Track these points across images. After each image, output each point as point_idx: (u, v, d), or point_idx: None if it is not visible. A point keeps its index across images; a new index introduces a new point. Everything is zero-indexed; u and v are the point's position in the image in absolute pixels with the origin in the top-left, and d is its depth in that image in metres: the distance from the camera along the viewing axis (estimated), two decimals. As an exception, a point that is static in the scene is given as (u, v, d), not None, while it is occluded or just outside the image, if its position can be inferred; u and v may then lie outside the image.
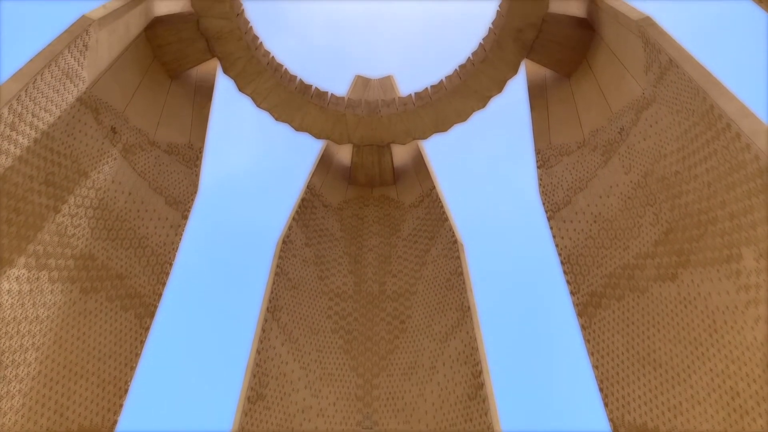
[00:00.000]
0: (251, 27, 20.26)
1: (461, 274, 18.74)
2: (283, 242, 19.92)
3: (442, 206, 20.88)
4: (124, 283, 15.52)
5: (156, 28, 18.88)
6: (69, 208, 14.22)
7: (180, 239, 17.82)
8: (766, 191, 10.71)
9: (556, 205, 17.79)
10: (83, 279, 14.35)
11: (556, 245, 17.29)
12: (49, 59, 13.71)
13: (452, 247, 19.65)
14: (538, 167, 19.03)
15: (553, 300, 44.70)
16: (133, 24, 17.72)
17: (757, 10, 13.16)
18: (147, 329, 15.79)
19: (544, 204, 18.29)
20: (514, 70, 20.34)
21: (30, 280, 12.78)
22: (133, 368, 15.01)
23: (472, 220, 41.03)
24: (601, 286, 15.28)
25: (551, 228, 17.71)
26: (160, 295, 16.56)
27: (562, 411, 41.79)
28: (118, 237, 15.78)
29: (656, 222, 13.99)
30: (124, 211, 16.23)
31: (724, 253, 11.67)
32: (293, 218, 20.71)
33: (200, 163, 19.44)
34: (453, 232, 19.96)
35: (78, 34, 14.69)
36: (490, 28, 20.39)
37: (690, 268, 12.61)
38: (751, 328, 10.81)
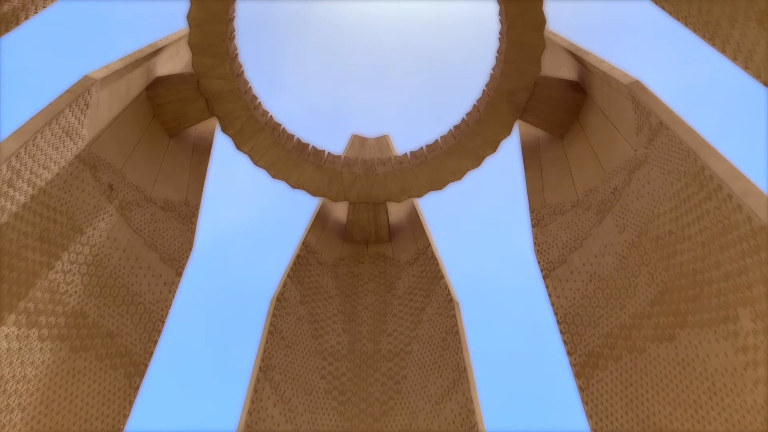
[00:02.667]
0: (250, 87, 20.68)
1: (457, 333, 18.54)
2: (278, 300, 19.75)
3: (437, 264, 20.84)
4: (115, 342, 15.28)
5: (157, 87, 19.26)
6: (62, 264, 14.15)
7: (173, 296, 17.67)
8: (760, 252, 10.76)
9: (552, 264, 17.79)
10: (73, 337, 14.14)
11: (552, 304, 17.20)
12: (50, 117, 13.92)
13: (448, 306, 19.51)
14: (533, 226, 19.13)
15: (550, 360, 44.14)
16: (135, 84, 18.09)
17: (744, 75, 13.54)
18: (136, 389, 15.45)
19: (539, 263, 18.30)
20: (508, 131, 20.70)
21: (19, 338, 12.58)
22: (120, 430, 14.61)
23: (468, 278, 40.93)
24: (598, 346, 15.12)
25: (547, 287, 17.66)
26: (151, 353, 16.29)
27: (561, 475, 40.59)
28: (111, 294, 15.64)
29: (651, 282, 13.97)
30: (118, 268, 16.14)
31: (721, 314, 11.61)
32: (288, 275, 20.61)
33: (196, 220, 19.47)
34: (448, 290, 19.86)
35: (80, 94, 14.97)
36: (483, 90, 20.88)
37: (687, 329, 12.52)
38: (751, 391, 10.65)
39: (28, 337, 12.80)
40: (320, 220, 22.91)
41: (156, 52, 18.67)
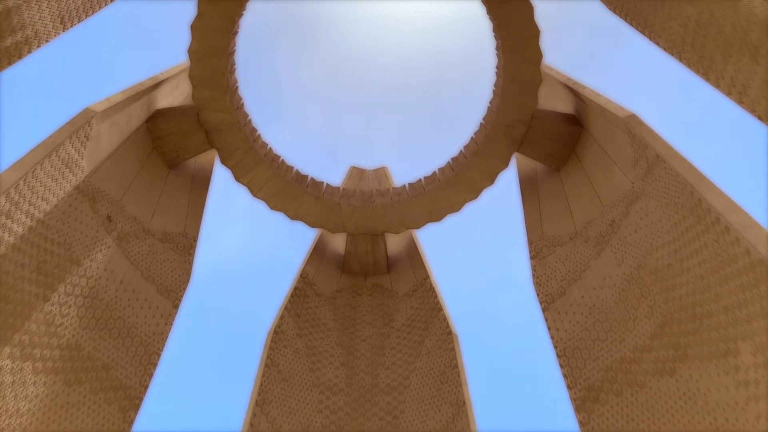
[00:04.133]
0: (250, 119, 20.85)
1: (456, 366, 18.35)
2: (275, 332, 19.59)
3: (436, 296, 20.74)
4: (110, 375, 15.09)
5: (157, 119, 19.40)
6: (59, 296, 14.05)
7: (170, 329, 17.53)
8: (759, 285, 10.72)
9: (551, 296, 17.71)
10: (68, 370, 13.96)
11: (552, 337, 17.07)
12: (50, 149, 13.96)
13: (447, 338, 19.35)
14: (532, 258, 19.10)
15: (551, 394, 43.62)
16: (135, 116, 18.22)
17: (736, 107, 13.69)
18: (131, 424, 15.22)
19: (538, 295, 18.21)
20: (505, 163, 20.84)
21: (13, 372, 12.42)
22: (113, 466, 14.36)
23: (467, 311, 40.71)
24: (598, 381, 14.96)
25: (546, 320, 17.54)
26: (147, 386, 16.09)
27: None
28: (107, 326, 15.51)
29: (651, 315, 13.89)
30: (115, 300, 16.04)
31: (721, 348, 11.51)
32: (285, 308, 20.48)
33: (194, 252, 19.43)
34: (447, 323, 19.72)
35: (80, 126, 15.05)
36: (481, 122, 21.07)
37: (688, 363, 12.40)
38: (753, 426, 10.50)
39: (22, 371, 12.64)
40: (318, 251, 22.87)
41: (157, 85, 18.87)
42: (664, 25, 14.97)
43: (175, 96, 20.61)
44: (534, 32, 18.51)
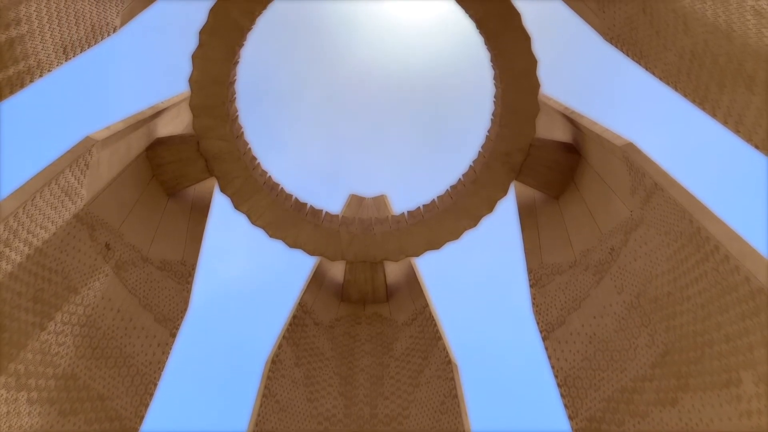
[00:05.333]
0: (250, 148, 20.95)
1: (455, 396, 18.15)
2: (272, 362, 19.40)
3: (435, 324, 20.60)
4: (105, 405, 14.90)
5: (157, 148, 19.49)
6: (55, 325, 13.95)
7: (167, 358, 17.35)
8: (760, 314, 10.67)
9: (551, 325, 17.60)
10: (63, 400, 13.78)
11: (552, 366, 16.91)
12: (50, 178, 14.00)
13: (446, 368, 19.17)
14: (531, 286, 19.03)
15: (552, 424, 43.05)
16: (135, 144, 18.31)
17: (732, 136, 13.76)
18: (126, 456, 14.98)
19: (538, 324, 18.10)
20: (504, 191, 20.89)
21: (8, 402, 12.26)
22: (107, 499, 14.08)
23: (467, 339, 40.42)
24: (600, 411, 14.78)
25: (546, 349, 17.41)
26: (142, 417, 15.86)
27: None
28: (103, 356, 15.36)
29: (652, 344, 13.79)
30: (112, 329, 15.91)
31: (723, 377, 11.41)
32: (283, 337, 20.32)
33: (192, 280, 19.34)
34: (447, 352, 19.55)
35: (80, 154, 15.11)
36: (479, 151, 21.19)
37: (690, 393, 12.27)
38: (758, 458, 10.35)
39: (16, 401, 12.48)
40: (317, 279, 22.78)
41: (157, 113, 19.00)
42: (660, 56, 15.14)
43: (175, 124, 20.74)
44: (531, 63, 18.72)
